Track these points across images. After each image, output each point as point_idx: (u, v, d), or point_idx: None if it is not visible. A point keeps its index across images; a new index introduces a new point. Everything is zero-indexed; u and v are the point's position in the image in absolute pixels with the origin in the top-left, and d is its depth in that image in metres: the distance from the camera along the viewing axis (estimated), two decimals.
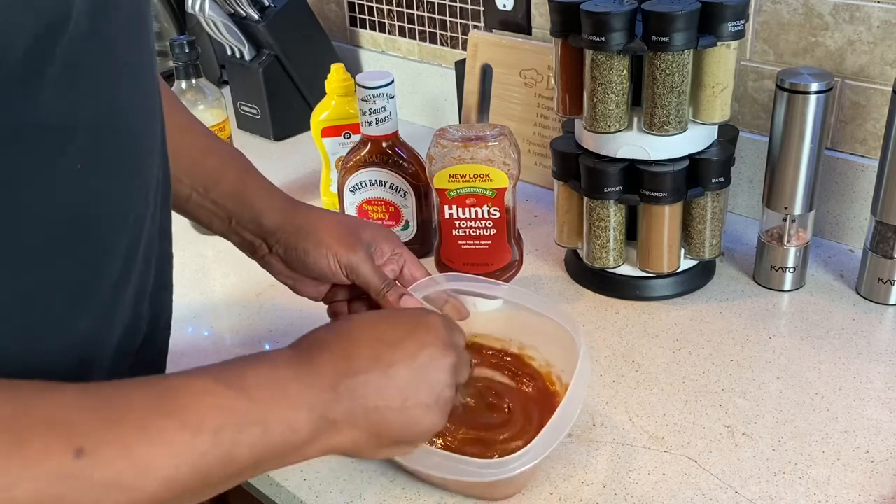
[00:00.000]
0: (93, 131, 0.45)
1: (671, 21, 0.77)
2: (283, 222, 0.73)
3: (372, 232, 0.75)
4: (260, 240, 0.74)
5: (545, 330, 0.74)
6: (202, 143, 0.74)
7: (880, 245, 0.87)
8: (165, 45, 1.52)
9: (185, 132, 0.73)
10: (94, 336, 0.50)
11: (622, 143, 0.85)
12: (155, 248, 0.56)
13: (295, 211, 0.74)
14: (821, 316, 0.87)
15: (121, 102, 0.48)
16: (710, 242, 0.90)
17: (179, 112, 0.74)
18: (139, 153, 0.51)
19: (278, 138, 1.38)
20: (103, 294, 0.50)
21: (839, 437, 0.72)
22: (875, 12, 0.89)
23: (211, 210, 0.73)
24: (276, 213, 0.74)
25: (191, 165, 0.72)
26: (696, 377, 0.80)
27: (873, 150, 0.94)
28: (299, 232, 0.73)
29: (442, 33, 1.33)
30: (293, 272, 0.75)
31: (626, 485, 0.68)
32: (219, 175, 0.73)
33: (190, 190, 0.72)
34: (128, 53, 0.48)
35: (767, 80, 0.99)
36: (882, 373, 0.79)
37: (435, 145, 0.87)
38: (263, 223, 0.73)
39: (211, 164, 0.73)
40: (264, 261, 0.76)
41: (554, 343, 0.74)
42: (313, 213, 0.75)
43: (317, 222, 0.74)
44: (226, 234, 0.75)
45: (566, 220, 0.93)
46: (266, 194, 0.75)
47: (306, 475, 0.71)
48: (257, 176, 0.76)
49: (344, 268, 0.72)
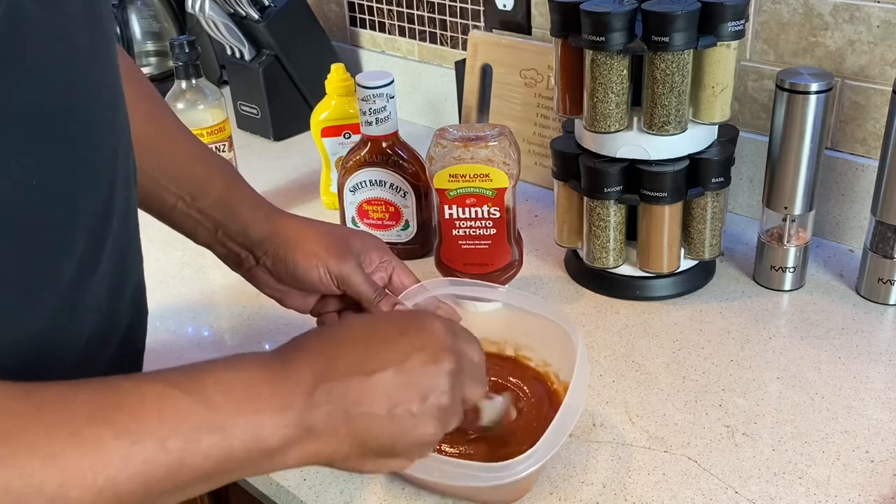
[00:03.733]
0: (35, 119, 0.44)
1: (671, 21, 0.77)
2: (270, 233, 0.72)
3: (361, 241, 0.74)
4: (246, 251, 0.73)
5: (540, 329, 0.73)
6: (190, 150, 0.73)
7: (880, 245, 0.87)
8: (165, 45, 1.53)
9: (173, 140, 0.72)
10: (51, 331, 0.49)
11: (622, 143, 0.85)
12: (127, 246, 0.55)
13: (282, 221, 0.73)
14: (821, 316, 0.87)
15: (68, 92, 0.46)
16: (710, 242, 0.90)
17: (167, 118, 0.73)
18: (94, 146, 0.50)
19: (278, 138, 1.38)
20: (59, 289, 0.48)
21: (839, 437, 0.72)
22: (875, 12, 0.89)
23: (196, 220, 0.72)
24: (263, 223, 0.72)
25: (177, 174, 0.71)
26: (696, 377, 0.80)
27: (873, 150, 0.94)
28: (287, 243, 0.72)
29: (442, 33, 1.33)
30: (281, 284, 0.74)
31: (626, 485, 0.68)
32: (206, 184, 0.72)
33: (175, 199, 0.71)
34: (76, 41, 0.47)
35: (767, 80, 0.99)
36: (882, 373, 0.79)
37: (435, 145, 0.87)
38: (250, 234, 0.72)
39: (198, 173, 0.72)
40: (250, 273, 0.74)
41: (550, 342, 0.73)
42: (300, 223, 0.74)
43: (305, 232, 0.72)
44: (211, 245, 0.74)
45: (566, 220, 0.93)
46: (253, 205, 0.74)
47: (306, 475, 0.71)
48: (244, 186, 0.75)
49: (335, 278, 0.71)
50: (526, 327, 0.76)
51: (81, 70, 0.48)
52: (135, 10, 1.55)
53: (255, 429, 0.46)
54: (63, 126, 0.46)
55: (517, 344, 0.78)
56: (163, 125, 0.72)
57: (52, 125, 0.45)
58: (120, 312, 0.56)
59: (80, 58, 0.47)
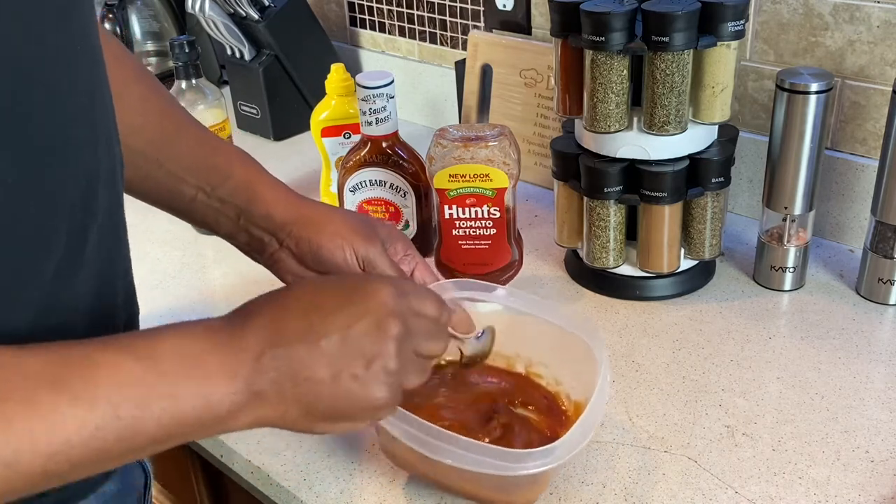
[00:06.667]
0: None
1: (671, 21, 0.77)
2: (294, 215, 0.71)
3: (387, 229, 0.73)
4: (270, 235, 0.72)
5: (553, 338, 0.70)
6: (205, 141, 0.73)
7: (880, 245, 0.87)
8: (165, 45, 1.53)
9: (187, 132, 0.71)
10: (39, 332, 0.49)
11: (622, 143, 0.85)
12: (115, 243, 0.55)
13: (305, 204, 0.72)
14: (821, 316, 0.87)
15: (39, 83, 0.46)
16: (710, 242, 0.90)
17: (179, 112, 0.73)
18: (70, 137, 0.49)
19: (278, 138, 1.38)
20: (40, 288, 0.48)
21: (839, 437, 0.72)
22: (875, 12, 0.89)
23: (217, 209, 0.71)
24: (286, 206, 0.71)
25: (194, 164, 0.70)
26: (696, 377, 0.80)
27: (873, 150, 0.94)
28: (311, 225, 0.70)
29: (442, 33, 1.33)
30: (304, 268, 0.72)
31: (626, 485, 0.68)
32: (225, 172, 0.71)
33: (195, 190, 0.70)
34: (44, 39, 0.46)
35: (767, 80, 0.99)
36: (882, 373, 0.79)
37: (435, 145, 0.87)
38: (274, 217, 0.71)
39: (216, 162, 0.71)
40: (273, 259, 0.73)
41: (565, 353, 0.71)
42: (324, 206, 0.73)
43: (330, 214, 0.72)
44: (233, 234, 0.73)
45: (566, 220, 0.93)
46: (275, 188, 0.73)
47: (306, 475, 0.71)
48: (263, 171, 0.74)
49: (361, 260, 0.69)
50: (536, 336, 0.73)
51: (47, 64, 0.47)
52: (135, 10, 1.55)
53: (205, 395, 0.48)
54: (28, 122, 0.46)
55: (529, 360, 0.75)
56: (175, 118, 0.71)
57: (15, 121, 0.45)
58: (112, 312, 0.56)
59: (46, 53, 0.47)
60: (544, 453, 0.59)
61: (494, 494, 0.66)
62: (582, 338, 0.68)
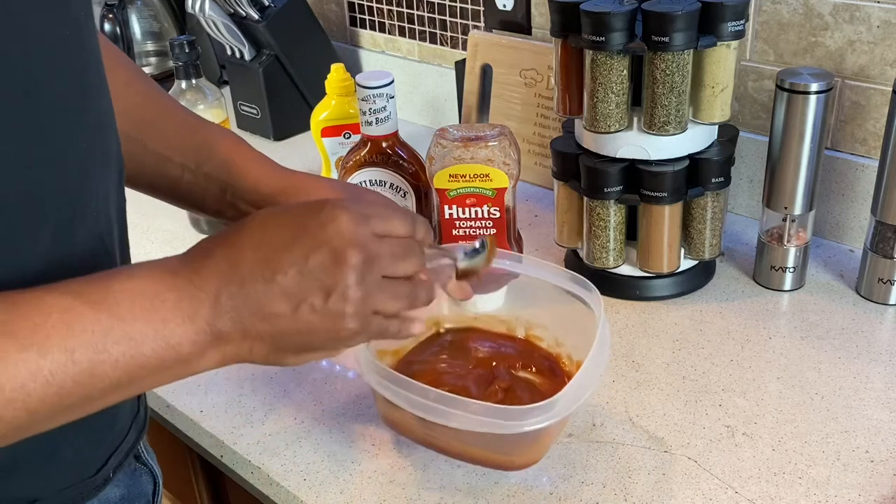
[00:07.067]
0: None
1: (671, 21, 0.77)
2: (281, 186, 0.71)
3: (374, 195, 0.73)
4: (256, 209, 0.70)
5: (551, 300, 0.71)
6: (188, 120, 0.73)
7: (880, 245, 0.87)
8: (165, 45, 1.53)
9: (171, 112, 0.71)
10: None
11: (622, 143, 0.85)
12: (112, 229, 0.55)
13: (291, 175, 0.72)
14: (821, 316, 0.87)
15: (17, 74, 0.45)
16: (710, 242, 0.90)
17: (162, 95, 0.73)
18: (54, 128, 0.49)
19: (278, 138, 1.38)
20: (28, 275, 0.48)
21: (839, 437, 0.72)
22: (875, 12, 0.89)
23: (203, 186, 0.71)
24: (272, 178, 0.71)
25: (179, 143, 0.70)
26: (696, 377, 0.80)
27: (873, 150, 0.94)
28: (299, 193, 0.70)
29: (442, 33, 1.33)
30: None
31: (626, 485, 0.68)
32: (210, 148, 0.71)
33: (181, 168, 0.70)
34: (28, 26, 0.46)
35: (767, 80, 0.99)
36: (882, 373, 0.79)
37: (435, 145, 0.87)
38: (261, 189, 0.71)
39: (200, 139, 0.71)
40: None
41: (563, 316, 0.71)
42: (310, 176, 0.73)
43: (317, 182, 0.72)
44: (220, 211, 0.73)
45: (566, 220, 0.93)
46: (260, 162, 0.72)
47: (306, 475, 0.71)
48: (248, 146, 0.74)
49: None
50: (537, 299, 0.73)
51: (35, 53, 0.47)
52: (135, 10, 1.55)
53: (164, 337, 0.48)
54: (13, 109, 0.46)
55: (528, 323, 0.76)
56: (159, 101, 0.71)
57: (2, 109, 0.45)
58: None
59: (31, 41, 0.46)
60: (545, 408, 0.59)
61: (496, 455, 0.66)
62: (578, 295, 0.69)
